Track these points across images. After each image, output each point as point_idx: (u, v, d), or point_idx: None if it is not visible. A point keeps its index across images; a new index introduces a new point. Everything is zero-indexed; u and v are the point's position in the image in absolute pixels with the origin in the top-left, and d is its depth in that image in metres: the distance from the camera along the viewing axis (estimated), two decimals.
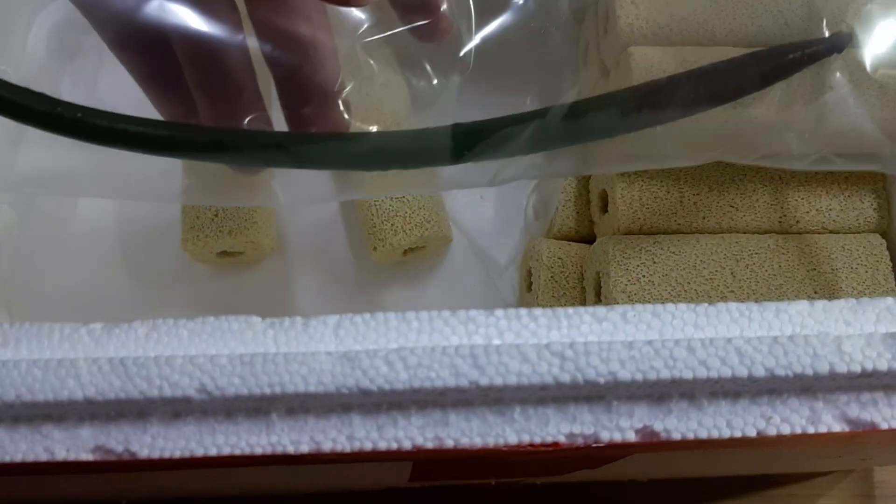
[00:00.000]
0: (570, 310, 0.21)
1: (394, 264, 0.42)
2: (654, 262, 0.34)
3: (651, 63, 0.33)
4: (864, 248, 0.35)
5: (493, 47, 0.34)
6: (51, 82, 0.44)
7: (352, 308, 0.40)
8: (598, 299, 0.36)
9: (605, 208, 0.38)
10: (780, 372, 0.20)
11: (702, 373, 0.20)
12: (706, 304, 0.22)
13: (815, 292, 0.34)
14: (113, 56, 0.45)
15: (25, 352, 0.21)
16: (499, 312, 0.21)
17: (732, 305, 0.22)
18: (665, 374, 0.20)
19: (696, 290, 0.34)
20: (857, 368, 0.20)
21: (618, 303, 0.34)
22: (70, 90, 0.45)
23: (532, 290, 0.39)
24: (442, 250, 0.42)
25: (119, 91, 0.44)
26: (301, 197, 0.34)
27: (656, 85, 0.29)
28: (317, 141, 0.27)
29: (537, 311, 0.21)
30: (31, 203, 0.40)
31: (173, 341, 0.21)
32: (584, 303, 0.37)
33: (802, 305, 0.22)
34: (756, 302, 0.33)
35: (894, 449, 0.29)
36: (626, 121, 0.28)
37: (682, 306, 0.22)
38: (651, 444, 0.21)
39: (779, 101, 0.30)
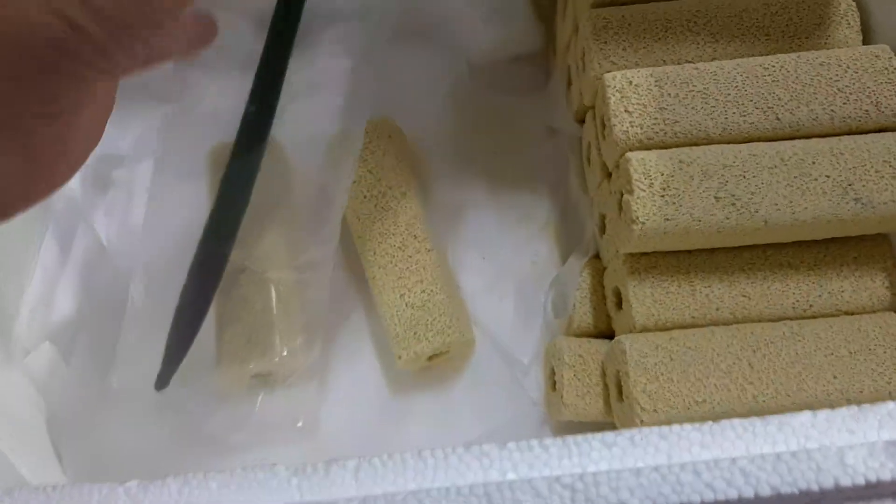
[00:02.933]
0: (580, 437, 0.22)
1: (420, 369, 0.43)
2: (672, 360, 0.35)
3: (648, 167, 0.34)
4: (880, 327, 0.36)
5: None
6: (85, 214, 0.47)
7: (380, 416, 0.42)
8: (621, 397, 0.36)
9: (620, 305, 0.38)
10: (786, 489, 0.21)
11: (709, 496, 0.21)
12: (710, 423, 0.22)
13: (835, 377, 0.35)
14: (144, 189, 0.48)
15: None
16: (511, 445, 0.22)
17: (736, 422, 0.22)
18: (673, 499, 0.21)
19: (715, 384, 0.34)
20: (861, 481, 0.21)
21: (639, 402, 0.34)
22: (104, 221, 0.48)
23: (556, 389, 0.39)
24: (466, 352, 0.43)
25: (150, 221, 0.47)
26: None
27: None
28: None
29: (548, 442, 0.22)
30: (72, 340, 0.42)
31: (204, 494, 0.22)
32: (608, 399, 0.38)
33: (805, 417, 0.23)
34: (775, 393, 0.34)
35: None
36: None
37: (688, 427, 0.22)
38: None
39: None
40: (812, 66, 0.35)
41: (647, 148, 0.35)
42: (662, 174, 0.34)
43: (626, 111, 0.35)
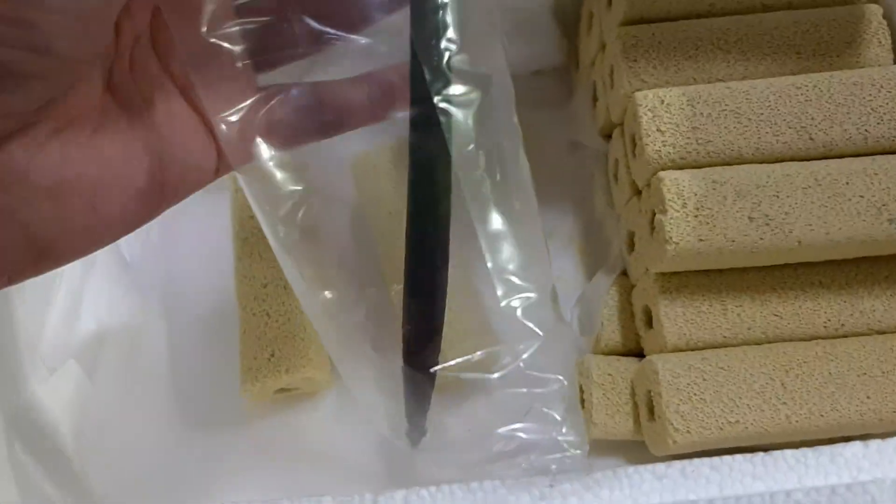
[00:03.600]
0: (631, 469, 0.22)
1: (444, 385, 0.42)
2: (704, 380, 0.35)
3: (682, 187, 0.34)
4: None
5: None
6: None
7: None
8: (652, 416, 0.36)
9: (649, 323, 0.38)
10: None
11: None
12: (762, 454, 0.22)
13: (868, 397, 0.34)
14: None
15: None
16: (560, 477, 0.22)
17: (788, 453, 0.22)
18: None
19: (748, 404, 0.34)
20: None
21: (672, 423, 0.34)
22: (127, 238, 0.47)
23: (585, 407, 0.39)
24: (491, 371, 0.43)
25: (172, 237, 0.46)
26: None
27: None
28: None
29: (598, 475, 0.22)
30: (96, 356, 0.42)
31: None
32: (638, 419, 0.38)
33: (857, 447, 0.22)
34: (808, 413, 0.34)
35: None
36: None
37: (739, 458, 0.22)
38: None
39: None
40: (845, 86, 0.35)
41: (680, 167, 0.35)
42: (696, 194, 0.34)
43: (658, 130, 0.35)
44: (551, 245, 0.45)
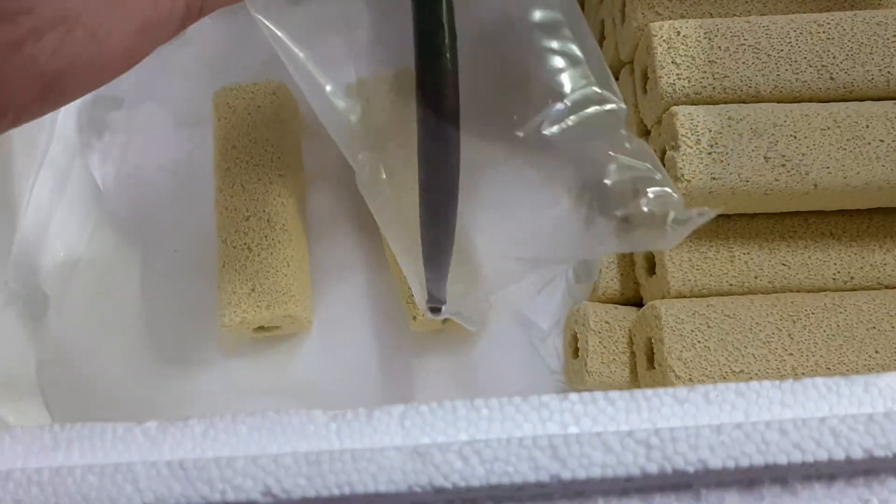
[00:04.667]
0: (650, 391, 0.20)
1: (433, 331, 0.41)
2: (709, 327, 0.33)
3: (696, 122, 0.32)
4: None
5: None
6: (81, 157, 0.44)
7: (391, 377, 0.40)
8: (651, 365, 0.34)
9: (651, 270, 0.37)
10: (880, 452, 0.19)
11: (796, 457, 0.19)
12: (792, 381, 0.21)
13: (877, 352, 0.33)
14: (141, 131, 0.45)
15: (78, 455, 0.20)
16: (573, 397, 0.20)
17: (819, 381, 0.21)
18: (758, 459, 0.19)
19: (753, 354, 0.33)
20: None
21: (674, 370, 0.32)
22: (100, 165, 0.45)
23: (579, 356, 0.37)
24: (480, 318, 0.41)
25: (148, 166, 0.44)
26: None
27: None
28: None
29: (614, 395, 0.20)
30: (65, 286, 0.40)
31: (232, 439, 0.20)
32: (634, 369, 0.36)
33: (892, 377, 0.21)
34: (815, 366, 0.32)
35: None
36: None
37: (767, 384, 0.20)
38: None
39: None
40: (869, 25, 0.34)
41: (694, 103, 0.33)
42: (710, 130, 0.32)
43: (673, 63, 0.33)
44: (550, 189, 0.43)
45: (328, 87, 0.39)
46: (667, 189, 0.27)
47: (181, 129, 0.45)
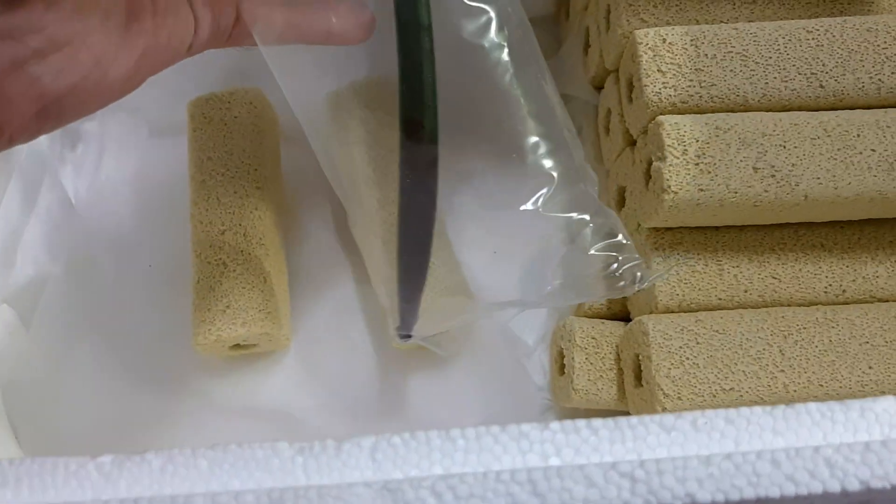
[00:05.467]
0: (635, 419, 0.19)
1: (416, 348, 0.39)
2: (698, 343, 0.32)
3: (682, 132, 0.31)
4: None
5: None
6: (53, 169, 0.43)
7: (373, 396, 0.38)
8: (639, 382, 0.33)
9: None
10: (877, 484, 0.18)
11: (790, 489, 0.18)
12: (783, 406, 0.20)
13: (871, 367, 0.32)
14: (114, 143, 0.44)
15: (27, 493, 0.19)
16: (554, 426, 0.19)
17: (812, 406, 0.20)
18: (749, 492, 0.18)
19: (743, 370, 0.32)
20: None
21: (662, 388, 0.31)
22: (72, 178, 0.43)
23: (565, 372, 0.36)
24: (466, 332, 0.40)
25: (122, 178, 0.43)
26: None
27: None
28: None
29: (597, 423, 0.19)
30: (33, 303, 0.38)
31: (192, 474, 0.19)
32: (622, 386, 0.35)
33: (889, 402, 0.20)
34: (807, 382, 0.31)
35: None
36: None
37: (758, 410, 0.19)
38: None
39: None
40: (859, 32, 0.33)
41: (681, 112, 0.32)
42: (697, 140, 0.31)
43: (658, 71, 0.32)
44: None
45: (314, 94, 0.38)
46: (636, 256, 0.30)
47: (155, 140, 0.44)
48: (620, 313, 0.37)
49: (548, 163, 0.31)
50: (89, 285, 0.40)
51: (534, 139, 0.31)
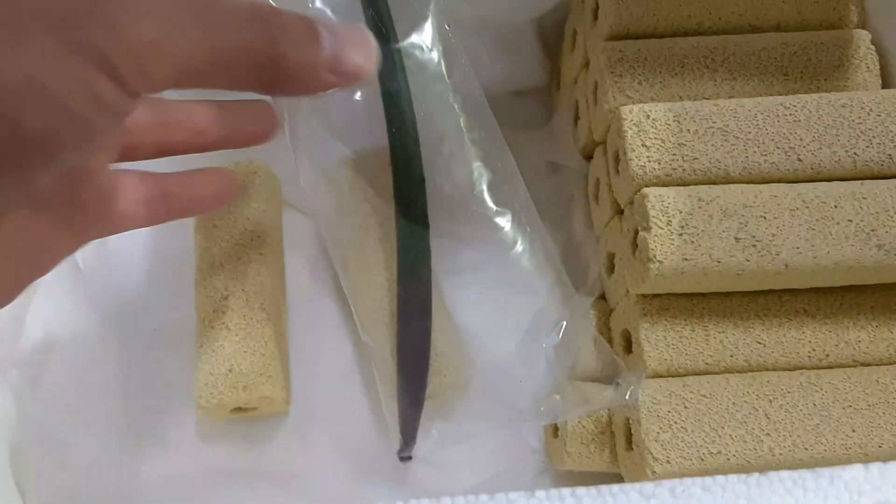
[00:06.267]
0: (616, 487, 0.20)
1: None
2: (686, 408, 0.33)
3: (666, 204, 0.33)
4: None
5: None
6: None
7: (371, 460, 0.39)
8: (630, 446, 0.34)
9: (628, 348, 0.37)
10: None
11: None
12: (757, 475, 0.21)
13: (854, 431, 0.33)
14: None
15: None
16: (540, 494, 0.20)
17: (785, 474, 0.21)
18: None
19: (730, 434, 0.33)
20: None
21: (651, 451, 0.32)
22: None
23: (559, 435, 0.37)
24: (461, 394, 0.41)
25: (129, 244, 0.44)
26: None
27: None
28: None
29: (581, 492, 0.20)
30: (41, 367, 0.40)
31: None
32: (614, 449, 0.36)
33: (857, 470, 0.21)
34: (792, 445, 0.32)
35: None
36: None
37: (733, 478, 0.20)
38: None
39: None
40: (834, 108, 0.34)
41: (665, 184, 0.34)
42: (681, 212, 0.33)
43: (643, 145, 0.34)
44: None
45: (324, 162, 0.40)
46: (631, 375, 0.34)
47: None
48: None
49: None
50: (96, 349, 0.41)
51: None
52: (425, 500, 0.20)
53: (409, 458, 0.36)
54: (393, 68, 0.32)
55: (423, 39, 0.32)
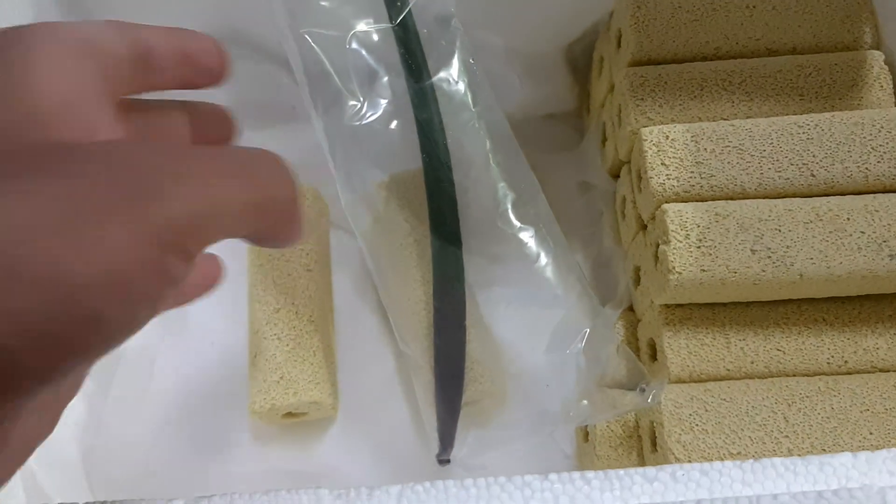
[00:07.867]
0: (622, 471, 0.22)
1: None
2: (707, 411, 0.35)
3: (685, 218, 0.35)
4: None
5: None
6: None
7: (412, 462, 0.42)
8: (654, 447, 0.36)
9: (654, 356, 0.39)
10: None
11: None
12: (752, 461, 0.23)
13: (871, 433, 0.35)
14: None
15: None
16: (553, 476, 0.22)
17: (777, 461, 0.23)
18: None
19: (749, 436, 0.34)
20: None
21: (673, 452, 0.34)
22: None
23: (589, 440, 0.39)
24: (498, 402, 0.43)
25: None
26: None
27: None
28: None
29: (590, 475, 0.22)
30: (111, 375, 0.43)
31: None
32: (641, 451, 0.38)
33: (846, 458, 0.23)
34: (810, 447, 0.34)
35: None
36: None
37: (729, 464, 0.22)
38: None
39: None
40: (846, 126, 0.36)
41: (684, 200, 0.36)
42: (699, 226, 0.35)
43: (662, 164, 0.36)
44: None
45: (363, 185, 0.43)
46: (655, 382, 0.36)
47: None
48: None
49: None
50: (158, 358, 0.44)
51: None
52: (451, 481, 0.22)
53: (448, 461, 0.39)
54: (425, 101, 0.35)
55: (450, 73, 0.36)
